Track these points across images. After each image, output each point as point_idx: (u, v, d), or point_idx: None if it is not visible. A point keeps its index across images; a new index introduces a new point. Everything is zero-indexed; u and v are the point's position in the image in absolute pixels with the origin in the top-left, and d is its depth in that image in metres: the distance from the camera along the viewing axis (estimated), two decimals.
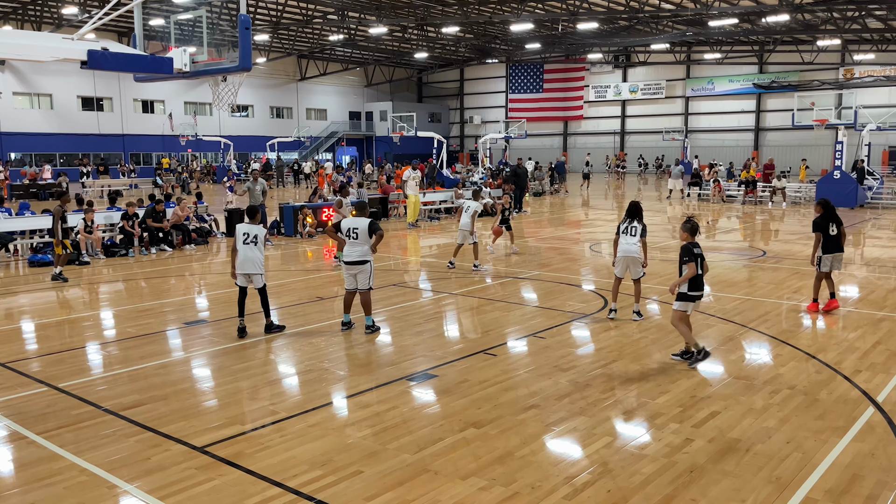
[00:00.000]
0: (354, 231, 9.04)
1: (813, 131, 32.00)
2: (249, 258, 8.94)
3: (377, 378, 7.40)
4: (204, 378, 7.53)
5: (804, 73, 50.39)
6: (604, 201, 33.32)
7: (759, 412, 6.38)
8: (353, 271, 9.14)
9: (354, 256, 9.08)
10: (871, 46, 46.52)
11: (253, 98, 56.62)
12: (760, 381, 7.16)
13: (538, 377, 7.34)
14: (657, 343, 8.59)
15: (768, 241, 18.18)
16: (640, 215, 9.61)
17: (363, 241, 9.03)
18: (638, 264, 9.61)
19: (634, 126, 60.22)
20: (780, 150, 50.92)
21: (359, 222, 9.09)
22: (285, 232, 19.30)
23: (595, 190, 38.98)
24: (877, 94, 46.27)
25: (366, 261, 9.06)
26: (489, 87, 66.96)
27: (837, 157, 26.25)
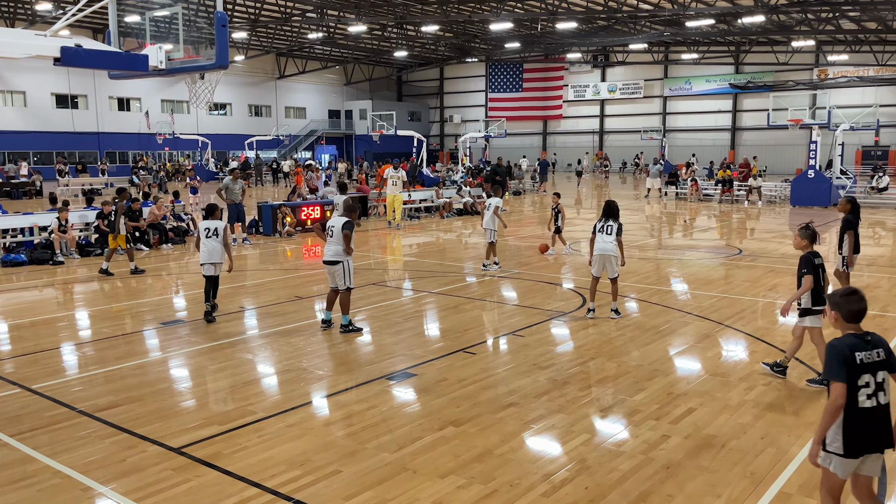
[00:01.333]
0: (331, 229, 9.08)
1: (788, 131, 32.40)
2: (216, 249, 9.73)
3: (356, 377, 7.38)
4: (181, 378, 7.47)
5: (779, 74, 51.05)
6: (584, 200, 33.50)
7: (735, 408, 6.46)
8: (330, 271, 9.18)
9: (329, 255, 9.09)
10: (844, 47, 47.25)
11: (231, 96, 56.21)
12: (736, 378, 7.25)
13: (517, 375, 7.37)
14: (635, 341, 8.66)
15: (744, 240, 18.40)
16: (616, 214, 9.68)
17: (338, 241, 9.02)
18: (614, 263, 9.66)
19: (613, 125, 60.63)
20: (756, 149, 51.54)
21: (337, 221, 9.11)
22: (264, 231, 19.17)
23: (573, 190, 39.18)
24: (850, 95, 47.02)
25: (338, 261, 8.99)
26: (469, 87, 67.06)
27: (812, 157, 26.63)
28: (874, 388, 3.83)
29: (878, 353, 3.88)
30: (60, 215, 15.73)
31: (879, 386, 3.85)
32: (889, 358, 3.89)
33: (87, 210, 17.77)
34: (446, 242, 18.58)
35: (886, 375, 3.89)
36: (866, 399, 3.82)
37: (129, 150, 51.26)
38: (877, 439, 3.87)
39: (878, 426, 3.84)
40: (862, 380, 3.82)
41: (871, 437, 3.84)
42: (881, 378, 3.86)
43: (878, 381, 3.85)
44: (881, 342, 3.93)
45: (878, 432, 3.85)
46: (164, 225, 17.71)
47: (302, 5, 40.45)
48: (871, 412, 3.82)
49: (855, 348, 3.85)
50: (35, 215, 16.94)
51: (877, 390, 3.84)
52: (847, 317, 3.95)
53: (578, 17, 40.85)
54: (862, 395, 3.82)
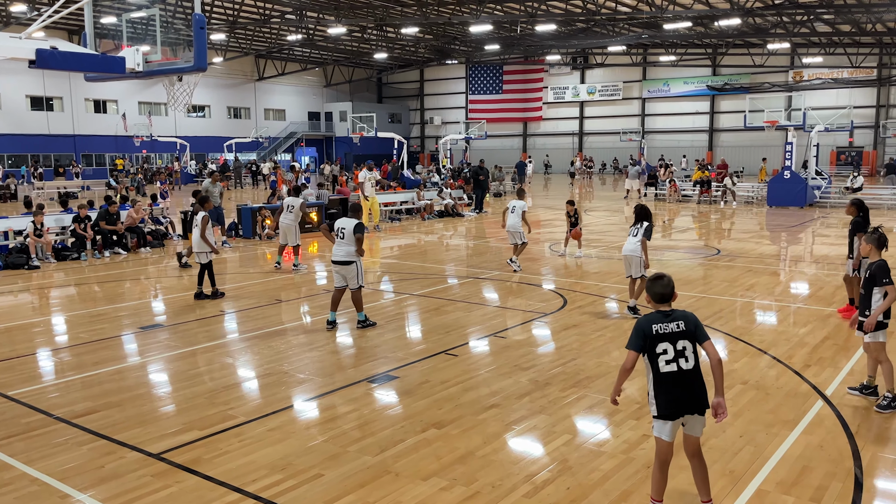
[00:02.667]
0: (342, 231, 9.27)
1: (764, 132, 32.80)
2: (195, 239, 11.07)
3: (338, 380, 7.36)
4: (160, 383, 7.40)
5: (755, 76, 51.71)
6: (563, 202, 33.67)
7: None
8: (341, 271, 9.30)
9: (341, 256, 9.25)
10: (819, 50, 47.96)
11: (209, 98, 55.79)
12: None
13: (499, 377, 7.39)
14: (615, 341, 8.72)
15: (722, 240, 18.60)
16: (648, 217, 9.84)
17: (349, 242, 9.20)
18: (637, 263, 9.79)
19: (592, 127, 61.01)
20: (734, 150, 52.17)
21: (347, 223, 9.31)
22: (243, 234, 19.05)
23: (557, 191, 39.36)
24: (824, 96, 47.76)
25: (351, 261, 9.22)
26: (449, 88, 67.14)
27: (787, 158, 26.98)
28: (673, 354, 4.33)
29: (678, 325, 4.38)
30: (36, 219, 15.52)
31: (680, 353, 4.34)
32: (692, 329, 4.39)
33: (64, 214, 17.55)
34: (428, 244, 18.59)
35: (688, 344, 4.36)
36: (665, 364, 4.33)
37: (105, 152, 50.70)
38: (685, 401, 4.37)
39: (683, 389, 4.34)
40: (660, 347, 4.34)
41: (678, 398, 4.34)
42: (681, 346, 4.35)
43: (678, 349, 4.34)
44: (683, 316, 4.43)
45: (685, 394, 4.35)
46: (143, 228, 17.54)
47: (281, 7, 40.25)
48: (674, 376, 4.32)
49: (653, 321, 4.39)
50: (10, 219, 16.69)
51: (677, 356, 4.33)
52: (654, 298, 4.49)
53: (558, 20, 41.07)
54: (661, 361, 4.33)
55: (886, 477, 5.22)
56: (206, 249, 11.17)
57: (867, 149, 49.44)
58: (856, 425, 6.08)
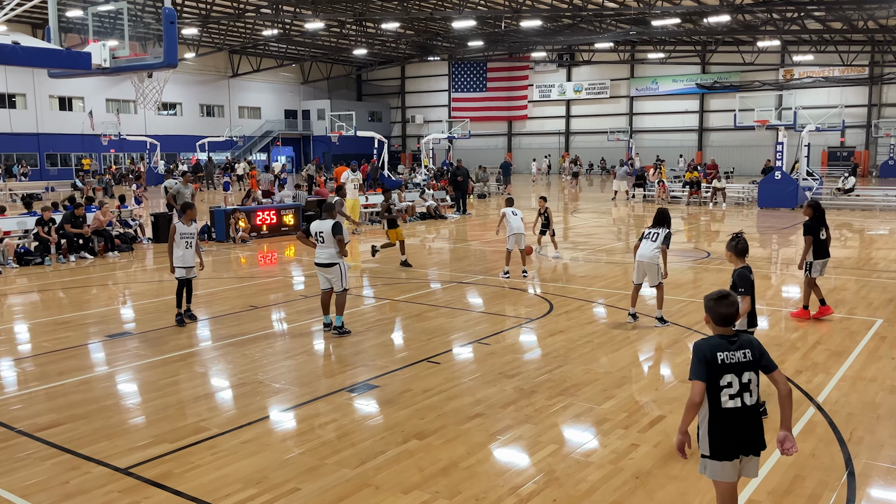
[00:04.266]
0: (320, 234, 9.30)
1: (755, 132, 33.15)
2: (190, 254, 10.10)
3: (315, 390, 7.33)
4: (129, 394, 7.33)
5: (745, 74, 52.27)
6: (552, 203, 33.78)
7: None
8: (325, 274, 9.38)
9: (324, 258, 9.31)
10: (809, 47, 48.56)
11: (181, 95, 55.39)
12: None
13: (483, 385, 7.40)
14: (603, 347, 8.76)
15: (712, 243, 18.77)
16: (667, 222, 9.63)
17: (330, 244, 9.26)
18: (655, 270, 9.58)
19: (579, 126, 61.34)
20: (724, 150, 52.65)
21: (324, 225, 9.34)
22: (217, 237, 18.93)
23: (550, 192, 39.48)
24: (816, 95, 48.34)
25: (335, 263, 9.28)
26: (431, 86, 67.21)
27: (778, 158, 27.29)
28: (738, 388, 3.93)
29: (745, 354, 3.97)
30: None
31: (745, 386, 3.94)
32: (757, 357, 3.99)
33: (27, 216, 17.34)
34: (409, 248, 18.55)
35: (753, 376, 3.98)
36: (728, 399, 3.93)
37: (71, 152, 50.16)
38: (747, 441, 3.98)
39: (745, 427, 3.95)
40: (724, 379, 3.93)
41: (739, 438, 3.95)
42: (747, 378, 3.95)
43: (744, 382, 3.95)
44: (749, 343, 4.01)
45: (747, 433, 3.97)
46: (110, 231, 17.37)
47: (256, 0, 40.11)
48: (736, 413, 3.93)
49: (717, 348, 3.96)
50: None
51: (741, 391, 3.94)
52: (716, 320, 4.05)
53: (543, 15, 41.28)
54: (724, 396, 3.93)
55: (880, 485, 5.29)
56: (187, 264, 9.95)
57: (859, 149, 50.14)
58: (848, 432, 6.15)
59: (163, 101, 38.03)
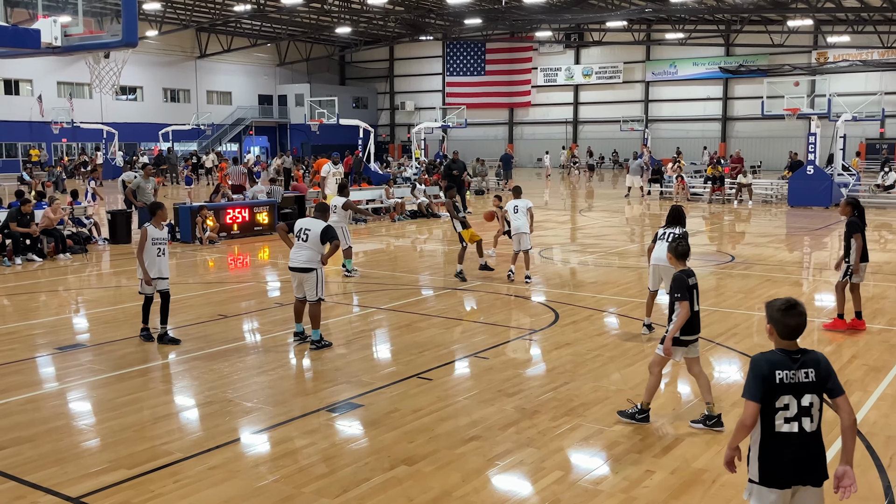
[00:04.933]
0: (306, 232, 9.23)
1: (784, 121, 33.31)
2: None
3: (291, 409, 7.32)
4: (82, 414, 7.30)
5: (774, 57, 52.46)
6: (557, 201, 33.83)
7: (727, 438, 6.56)
8: (300, 279, 9.31)
9: (300, 261, 9.24)
10: (845, 27, 48.76)
11: (142, 78, 55.27)
12: (728, 404, 7.39)
13: (480, 404, 7.40)
14: (615, 361, 8.77)
15: (736, 245, 18.82)
16: (683, 221, 9.62)
17: (312, 246, 9.20)
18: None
19: (589, 114, 61.50)
20: (750, 141, 52.83)
21: (313, 224, 9.30)
22: (181, 237, 18.90)
23: (555, 188, 39.55)
24: (852, 81, 48.49)
25: (312, 268, 9.22)
26: (423, 69, 67.30)
27: (811, 151, 27.39)
28: (796, 411, 3.88)
29: (808, 374, 3.91)
30: None
31: (804, 410, 3.89)
32: (823, 379, 3.92)
33: None
34: (398, 250, 18.59)
35: (815, 399, 3.91)
36: (784, 423, 3.88)
37: (18, 141, 49.98)
38: (802, 470, 3.90)
39: (801, 454, 3.89)
40: (780, 401, 3.88)
41: (793, 465, 3.88)
42: (808, 402, 3.90)
43: (803, 405, 3.89)
44: (815, 362, 3.94)
45: (803, 461, 3.89)
46: (61, 231, 17.31)
47: None
48: (791, 438, 3.88)
49: (776, 365, 3.92)
50: None
51: (800, 414, 3.88)
52: (782, 332, 3.99)
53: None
54: (779, 418, 3.89)
55: None
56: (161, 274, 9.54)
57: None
58: (888, 458, 6.17)
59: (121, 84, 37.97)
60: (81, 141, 52.09)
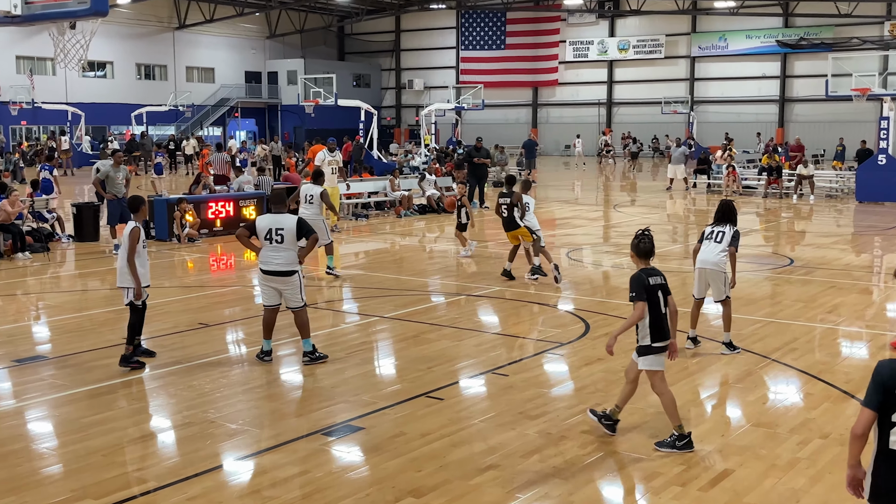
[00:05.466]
0: (279, 232, 9.16)
1: (852, 103, 33.05)
2: (118, 267, 9.22)
3: (281, 432, 7.34)
4: (43, 436, 7.35)
5: (840, 29, 52.14)
6: (589, 194, 33.79)
7: (785, 469, 6.55)
8: (277, 285, 9.27)
9: (279, 264, 9.19)
10: None
11: (113, 52, 55.56)
12: (786, 429, 7.36)
13: (498, 427, 7.39)
14: None
15: (795, 247, 18.73)
16: (734, 218, 9.62)
17: (290, 246, 9.18)
18: (721, 281, 9.55)
19: (625, 94, 61.33)
20: (811, 127, 52.49)
21: (284, 221, 9.26)
22: (157, 235, 18.98)
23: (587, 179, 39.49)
24: None
25: (294, 271, 9.23)
26: (434, 42, 67.34)
27: (883, 137, 27.20)
28: None
29: None
30: None
31: None
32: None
33: None
34: (405, 250, 18.62)
35: None
36: None
37: None
38: None
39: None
40: None
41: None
42: None
43: None
44: None
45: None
46: (20, 226, 17.39)
47: None
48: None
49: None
50: None
51: None
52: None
53: None
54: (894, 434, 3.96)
55: None
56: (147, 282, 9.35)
57: None
58: None
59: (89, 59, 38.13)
60: (43, 124, 52.36)
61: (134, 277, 9.06)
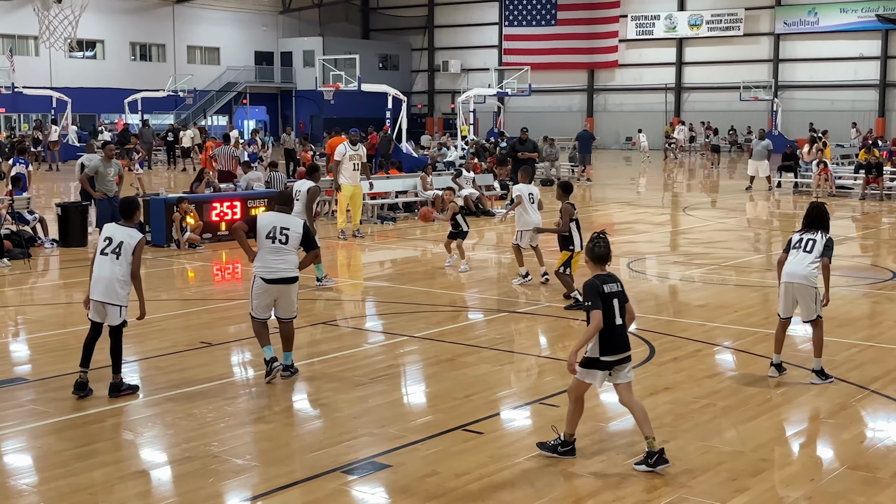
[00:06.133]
0: (284, 232, 9.34)
1: None
2: (105, 278, 8.82)
3: (295, 470, 7.35)
4: (21, 470, 7.41)
5: None
6: (654, 194, 33.60)
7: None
8: (276, 293, 9.45)
9: (285, 270, 9.39)
10: None
11: (103, 30, 56.23)
12: (888, 473, 7.26)
13: (547, 467, 7.36)
14: (730, 414, 8.66)
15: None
16: (825, 224, 9.53)
17: (293, 249, 9.40)
18: (811, 298, 9.45)
19: (697, 78, 60.97)
20: None
21: (290, 222, 9.48)
22: (153, 239, 19.13)
23: (652, 177, 39.32)
24: None
25: (296, 277, 9.48)
26: (473, 17, 67.44)
27: None
28: None
29: None
30: None
31: None
32: None
33: None
34: (438, 258, 18.58)
35: None
36: None
37: None
38: None
39: None
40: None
41: None
42: None
43: None
44: None
45: None
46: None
47: None
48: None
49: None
50: None
51: None
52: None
53: None
54: None
55: None
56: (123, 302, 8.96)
57: None
58: None
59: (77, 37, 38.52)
60: (24, 111, 53.07)
61: (139, 294, 9.00)
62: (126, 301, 8.98)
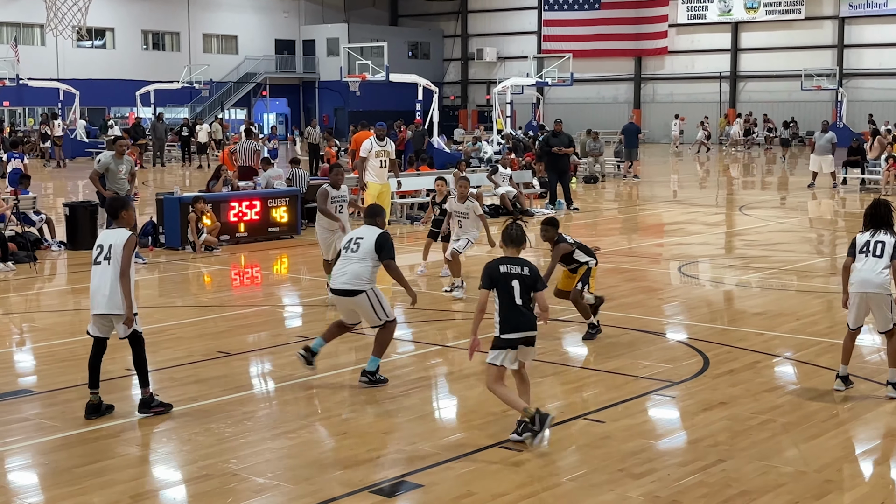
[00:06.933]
0: (357, 242, 9.72)
1: None
2: (104, 288, 8.73)
3: (321, 489, 7.36)
4: (27, 488, 7.46)
5: None
6: (705, 192, 33.42)
7: None
8: (347, 306, 9.79)
9: (344, 281, 9.65)
10: None
11: (114, 17, 56.61)
12: None
13: (592, 488, 7.34)
14: (792, 431, 8.60)
15: None
16: (892, 222, 9.48)
17: (361, 259, 9.64)
18: (886, 306, 9.35)
19: (754, 65, 60.62)
20: None
21: (364, 232, 9.85)
22: (167, 242, 19.24)
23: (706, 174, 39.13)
24: None
25: (360, 290, 9.61)
26: (510, 2, 67.37)
27: None
28: None
29: None
30: None
31: None
32: None
33: None
34: (472, 260, 18.56)
35: None
36: None
37: None
38: None
39: None
40: None
41: None
42: None
43: None
44: None
45: None
46: (2, 231, 17.70)
47: None
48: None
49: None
50: None
51: None
52: None
53: None
54: None
55: None
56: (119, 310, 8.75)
57: None
58: None
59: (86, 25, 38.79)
60: (29, 105, 53.49)
61: (126, 298, 8.65)
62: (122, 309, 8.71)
